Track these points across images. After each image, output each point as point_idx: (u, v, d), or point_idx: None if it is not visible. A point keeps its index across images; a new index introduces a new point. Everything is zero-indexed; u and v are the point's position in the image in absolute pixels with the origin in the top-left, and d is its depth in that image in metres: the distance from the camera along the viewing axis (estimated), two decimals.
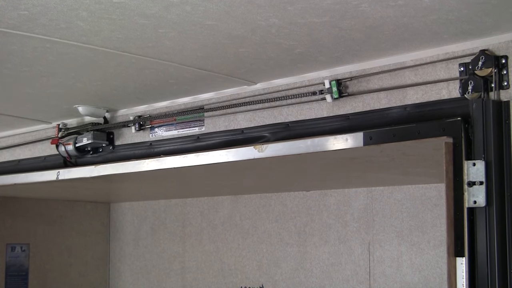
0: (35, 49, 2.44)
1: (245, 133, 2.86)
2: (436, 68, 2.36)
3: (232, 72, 2.72)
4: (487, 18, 2.09)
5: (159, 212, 4.70)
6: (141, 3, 1.99)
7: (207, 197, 4.41)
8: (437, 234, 3.38)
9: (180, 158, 2.95)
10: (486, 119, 2.15)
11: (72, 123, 3.57)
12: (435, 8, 2.00)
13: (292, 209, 3.97)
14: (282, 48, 2.38)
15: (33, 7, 2.04)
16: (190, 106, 3.09)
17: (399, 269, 3.52)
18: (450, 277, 2.13)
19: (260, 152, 2.65)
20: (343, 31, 2.20)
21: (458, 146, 2.17)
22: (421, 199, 3.46)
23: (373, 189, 3.64)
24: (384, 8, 2.00)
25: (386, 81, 2.48)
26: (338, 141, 2.45)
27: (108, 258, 4.99)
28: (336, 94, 2.57)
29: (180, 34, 2.26)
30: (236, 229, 4.25)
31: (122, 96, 3.18)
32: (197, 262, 4.45)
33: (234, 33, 2.23)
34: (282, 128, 2.75)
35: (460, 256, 2.13)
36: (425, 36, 2.26)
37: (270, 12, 2.05)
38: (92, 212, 4.84)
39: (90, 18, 2.13)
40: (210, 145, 2.96)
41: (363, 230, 3.66)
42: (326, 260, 3.80)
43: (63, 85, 2.96)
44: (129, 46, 2.41)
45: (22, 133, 3.92)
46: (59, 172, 3.46)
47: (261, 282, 4.08)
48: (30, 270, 4.50)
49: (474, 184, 2.11)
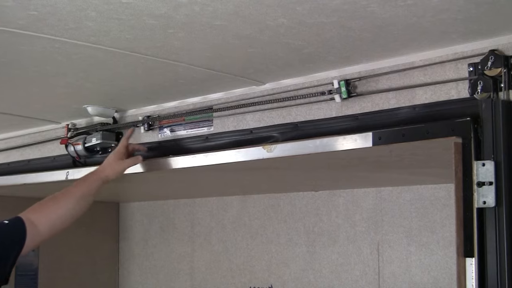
0: (44, 49, 2.45)
1: (254, 133, 2.86)
2: (445, 68, 2.36)
3: (241, 72, 2.72)
4: (497, 17, 2.08)
5: (168, 212, 4.70)
6: (150, 4, 2.00)
7: (216, 197, 4.41)
8: (446, 234, 3.37)
9: (189, 158, 2.95)
10: (495, 119, 2.14)
11: (81, 123, 3.58)
12: (444, 7, 2.00)
13: (301, 209, 3.97)
14: (290, 48, 2.38)
15: (42, 8, 2.04)
16: (199, 106, 3.09)
17: (408, 269, 3.51)
18: (460, 277, 2.13)
19: (269, 152, 2.65)
20: (352, 31, 2.20)
21: (467, 146, 2.17)
22: (430, 199, 3.45)
23: (382, 189, 3.63)
24: (393, 8, 2.00)
25: (395, 81, 2.48)
26: (347, 141, 2.45)
27: (117, 257, 5.00)
28: (345, 94, 2.56)
29: (189, 34, 2.26)
30: (245, 229, 4.25)
31: (131, 96, 3.18)
32: (206, 262, 4.46)
33: (243, 33, 2.23)
34: (291, 128, 2.74)
35: (469, 256, 2.12)
36: (434, 36, 2.25)
37: (279, 12, 2.05)
38: (101, 212, 4.84)
39: (99, 19, 2.13)
40: (219, 145, 2.96)
41: (372, 230, 3.65)
42: (335, 260, 3.79)
43: (72, 85, 2.97)
44: (138, 47, 2.42)
45: (31, 133, 3.93)
46: (68, 172, 3.46)
47: (270, 282, 4.08)
48: (40, 269, 4.51)
49: (483, 184, 2.11)
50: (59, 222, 2.84)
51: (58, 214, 2.83)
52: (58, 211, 2.84)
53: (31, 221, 2.74)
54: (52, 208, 2.83)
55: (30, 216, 2.76)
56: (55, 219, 2.82)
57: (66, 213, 2.86)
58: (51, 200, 2.86)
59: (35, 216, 2.77)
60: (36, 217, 2.77)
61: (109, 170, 3.02)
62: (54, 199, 2.87)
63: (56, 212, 2.83)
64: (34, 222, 2.74)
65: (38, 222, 2.75)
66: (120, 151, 3.06)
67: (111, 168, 3.02)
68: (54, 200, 2.87)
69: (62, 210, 2.85)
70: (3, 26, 2.20)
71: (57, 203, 2.86)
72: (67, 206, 2.86)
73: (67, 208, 2.86)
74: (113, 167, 3.03)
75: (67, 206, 2.86)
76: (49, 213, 2.81)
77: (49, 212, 2.82)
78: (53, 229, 2.82)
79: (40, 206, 2.83)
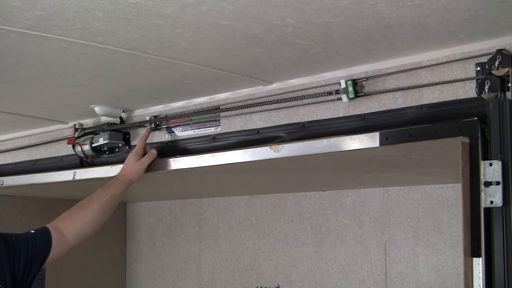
0: (51, 49, 2.45)
1: (261, 133, 2.86)
2: (453, 68, 2.35)
3: (248, 72, 2.72)
4: (504, 17, 2.08)
5: (175, 212, 4.71)
6: (157, 3, 2.00)
7: (223, 197, 4.42)
8: (453, 234, 3.37)
9: (196, 158, 2.96)
10: (503, 119, 2.14)
11: (88, 123, 3.58)
12: (451, 7, 1.99)
13: (308, 209, 3.97)
14: (298, 48, 2.38)
15: (49, 8, 2.04)
16: (206, 106, 3.09)
17: (416, 269, 3.51)
18: (467, 277, 2.12)
19: (276, 152, 2.65)
20: (359, 31, 2.20)
21: (474, 146, 2.16)
22: (438, 199, 3.45)
23: (389, 189, 3.63)
24: (401, 8, 2.00)
25: (402, 81, 2.48)
26: (354, 141, 2.45)
27: (124, 258, 5.00)
28: (352, 94, 2.56)
29: (196, 34, 2.26)
30: (252, 229, 4.25)
31: (138, 96, 3.19)
32: (213, 262, 4.46)
33: (250, 33, 2.23)
34: (298, 128, 2.74)
35: (476, 256, 2.12)
36: (442, 35, 2.25)
37: (286, 12, 2.05)
38: None
39: (106, 19, 2.13)
40: (226, 145, 2.96)
41: (379, 230, 3.65)
42: (342, 260, 3.79)
43: (80, 85, 2.97)
44: (145, 47, 2.42)
45: (38, 133, 3.93)
46: (75, 172, 3.47)
47: (277, 282, 4.08)
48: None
49: (490, 184, 2.10)
50: (85, 230, 2.89)
51: (85, 221, 2.89)
52: (84, 218, 2.89)
53: (60, 230, 2.80)
54: (78, 215, 2.89)
55: (58, 225, 2.82)
56: (82, 226, 2.87)
57: (92, 219, 2.91)
58: (77, 207, 2.91)
59: (63, 224, 2.83)
60: (64, 226, 2.83)
61: (131, 173, 3.05)
62: (80, 207, 2.92)
63: (83, 219, 2.88)
64: (62, 231, 2.80)
65: (65, 231, 2.81)
66: (138, 152, 3.09)
67: (133, 169, 3.06)
68: (80, 207, 2.92)
69: (88, 217, 2.89)
70: (10, 26, 2.20)
71: (83, 210, 2.91)
72: (93, 213, 2.91)
73: (93, 214, 2.91)
74: (135, 169, 3.06)
75: (93, 213, 2.91)
76: (75, 220, 2.87)
77: (76, 219, 2.87)
78: (80, 236, 2.88)
79: (67, 214, 2.89)
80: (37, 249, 2.70)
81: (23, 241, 2.68)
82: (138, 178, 3.07)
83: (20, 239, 2.68)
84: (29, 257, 2.66)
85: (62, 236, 2.79)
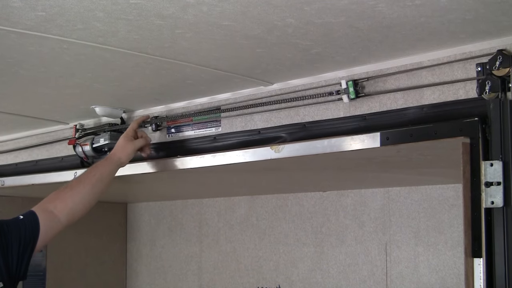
0: (52, 50, 2.45)
1: (261, 133, 2.86)
2: (453, 68, 2.35)
3: (249, 72, 2.72)
4: (505, 17, 2.08)
5: (176, 213, 4.71)
6: (158, 4, 2.00)
7: (224, 198, 4.42)
8: (454, 234, 3.37)
9: (197, 158, 2.96)
10: (503, 119, 2.14)
11: (89, 124, 3.58)
12: (452, 7, 1.99)
13: (308, 209, 3.97)
14: (298, 48, 2.38)
15: (50, 8, 2.04)
16: (207, 106, 3.09)
17: (416, 269, 3.51)
18: (468, 278, 2.12)
19: (276, 153, 2.65)
20: (360, 31, 2.20)
21: (475, 147, 2.16)
22: (438, 200, 3.45)
23: (390, 190, 3.63)
24: (401, 8, 2.00)
25: (403, 81, 2.48)
26: (355, 142, 2.45)
27: (125, 258, 5.00)
28: (352, 95, 2.56)
29: (197, 35, 2.26)
30: (252, 229, 4.25)
31: (139, 97, 3.19)
32: (214, 262, 4.46)
33: (251, 33, 2.23)
34: (298, 129, 2.74)
35: (477, 256, 2.12)
36: (442, 36, 2.25)
37: (287, 13, 2.05)
38: (109, 212, 4.85)
39: (107, 19, 2.13)
40: (227, 146, 2.96)
41: (380, 230, 3.65)
42: (343, 260, 3.79)
43: (80, 85, 2.97)
44: (146, 47, 2.42)
45: (39, 134, 3.93)
46: (76, 173, 3.46)
47: (278, 283, 4.08)
48: (48, 270, 4.52)
49: (491, 184, 2.10)
50: (76, 209, 2.85)
51: (75, 201, 2.85)
52: (74, 198, 2.85)
53: (49, 210, 2.77)
54: (67, 195, 2.85)
55: (46, 206, 2.79)
56: (72, 206, 2.84)
57: (83, 199, 2.88)
58: (66, 188, 2.88)
59: (52, 204, 2.80)
60: (53, 206, 2.79)
61: (120, 152, 3.03)
62: (70, 187, 2.89)
63: (73, 199, 2.85)
64: (52, 211, 2.77)
65: (55, 210, 2.78)
66: (129, 134, 3.08)
67: (122, 150, 3.04)
68: (70, 187, 2.88)
69: (78, 196, 2.86)
70: (11, 27, 2.20)
71: (72, 190, 2.87)
72: (83, 192, 2.88)
73: (84, 193, 2.88)
74: (124, 149, 3.04)
75: (83, 192, 2.88)
76: (65, 200, 2.83)
77: (66, 199, 2.83)
78: (71, 216, 2.84)
79: (55, 194, 2.85)
80: (27, 234, 2.66)
81: (14, 229, 2.64)
82: (128, 159, 3.03)
83: (12, 228, 2.64)
84: (21, 244, 2.63)
85: (53, 216, 2.75)
